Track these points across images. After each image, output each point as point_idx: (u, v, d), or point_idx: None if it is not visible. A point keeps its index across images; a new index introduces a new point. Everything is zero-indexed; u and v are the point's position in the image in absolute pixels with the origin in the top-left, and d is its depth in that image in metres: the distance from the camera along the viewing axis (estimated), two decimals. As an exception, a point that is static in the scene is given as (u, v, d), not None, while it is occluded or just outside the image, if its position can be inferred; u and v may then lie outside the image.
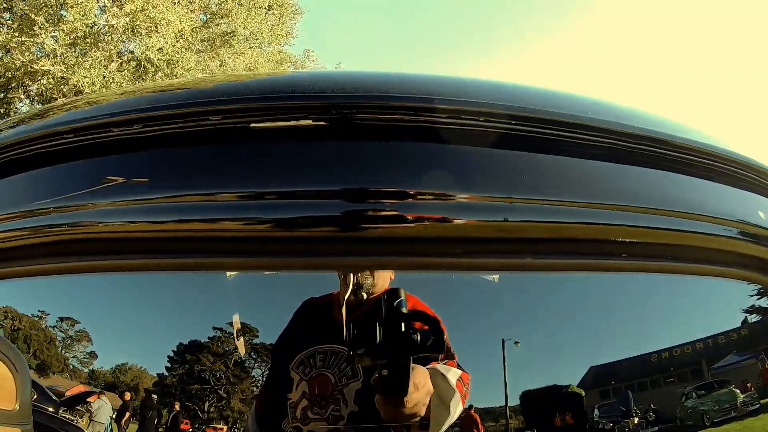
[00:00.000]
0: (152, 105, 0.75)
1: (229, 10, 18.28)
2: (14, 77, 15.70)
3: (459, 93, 0.76)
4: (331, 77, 0.87)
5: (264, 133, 0.68)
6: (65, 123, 0.75)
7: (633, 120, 0.79)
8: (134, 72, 16.04)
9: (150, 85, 1.02)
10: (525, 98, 0.82)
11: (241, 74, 1.04)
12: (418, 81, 0.83)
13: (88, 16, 14.47)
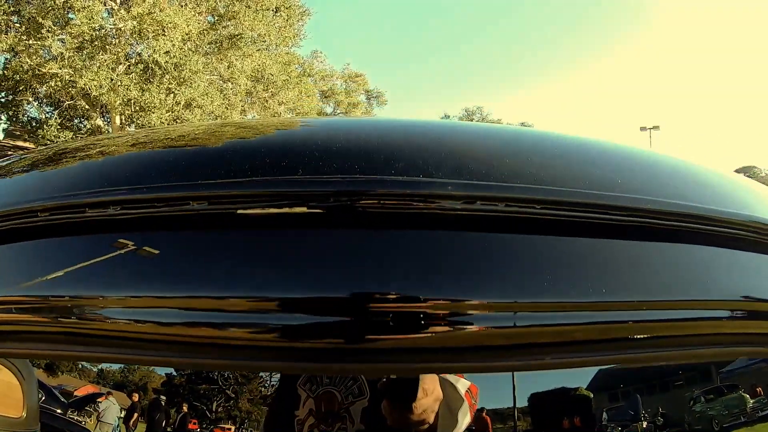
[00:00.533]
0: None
1: (236, 12, 18.31)
2: (22, 80, 15.76)
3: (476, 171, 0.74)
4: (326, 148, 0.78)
5: (260, 225, 0.66)
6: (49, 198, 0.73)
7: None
8: (142, 75, 16.08)
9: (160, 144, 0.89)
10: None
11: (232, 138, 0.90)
12: (425, 147, 0.81)
13: (95, 20, 14.52)
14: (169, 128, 0.98)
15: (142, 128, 10.37)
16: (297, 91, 23.41)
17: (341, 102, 50.36)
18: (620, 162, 1.00)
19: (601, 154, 1.04)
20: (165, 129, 0.99)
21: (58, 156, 1.01)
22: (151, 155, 0.85)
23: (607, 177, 0.85)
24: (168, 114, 16.55)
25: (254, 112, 23.25)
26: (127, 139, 0.98)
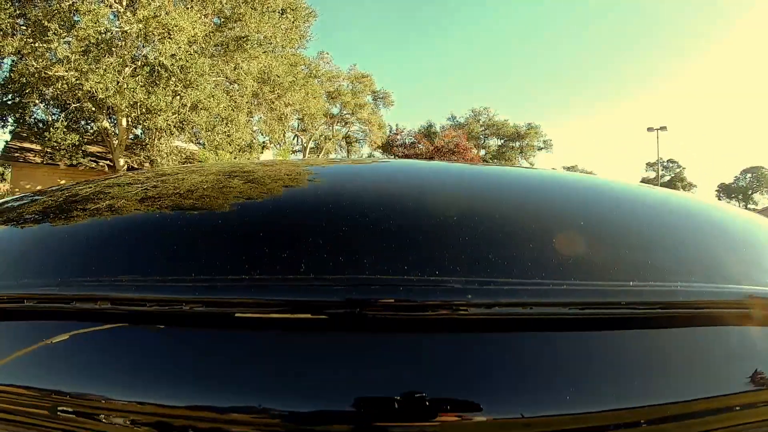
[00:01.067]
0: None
1: (242, 14, 18.29)
2: (29, 83, 15.77)
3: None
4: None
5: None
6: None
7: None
8: (148, 77, 16.07)
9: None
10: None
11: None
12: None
13: (101, 23, 14.51)
14: (151, 201, 0.84)
15: (132, 181, 9.91)
16: (303, 93, 23.38)
17: (348, 103, 50.41)
18: (660, 236, 0.88)
19: (641, 221, 0.93)
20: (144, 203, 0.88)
21: (35, 227, 0.93)
22: (136, 238, 0.76)
23: (657, 263, 0.73)
24: (174, 116, 16.54)
25: (261, 114, 23.23)
26: (111, 207, 0.89)
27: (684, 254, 0.80)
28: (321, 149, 54.78)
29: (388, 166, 1.15)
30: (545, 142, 59.82)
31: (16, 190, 20.50)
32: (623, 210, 0.98)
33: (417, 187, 0.95)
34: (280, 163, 1.21)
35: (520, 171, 1.37)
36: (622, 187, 1.16)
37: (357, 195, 0.84)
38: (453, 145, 34.90)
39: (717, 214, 1.10)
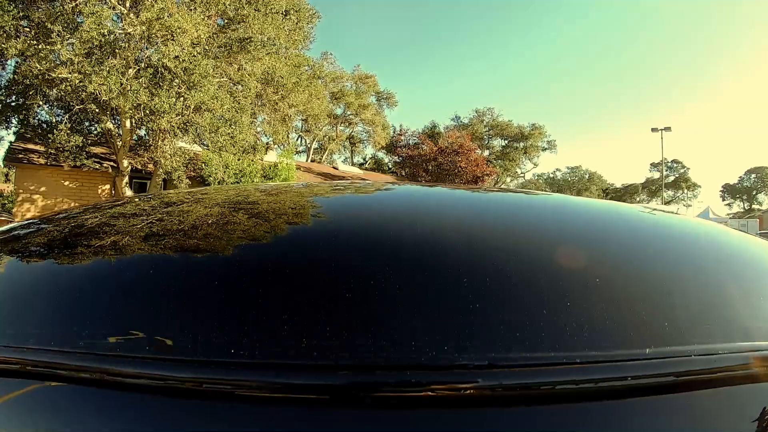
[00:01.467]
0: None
1: (245, 15, 18.27)
2: (32, 84, 15.76)
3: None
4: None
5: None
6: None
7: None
8: (151, 79, 16.05)
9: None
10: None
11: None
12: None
13: (104, 26, 14.50)
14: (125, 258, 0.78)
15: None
16: (307, 94, 23.36)
17: (351, 104, 50.44)
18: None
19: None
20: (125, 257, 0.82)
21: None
22: (122, 307, 0.70)
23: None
24: (177, 118, 16.53)
25: (264, 115, 23.22)
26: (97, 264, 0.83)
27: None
28: (325, 150, 54.81)
29: (398, 212, 1.05)
30: (549, 143, 59.70)
31: (20, 191, 20.53)
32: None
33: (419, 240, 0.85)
34: (273, 201, 1.15)
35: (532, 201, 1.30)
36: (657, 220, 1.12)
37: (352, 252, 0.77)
38: (457, 146, 34.72)
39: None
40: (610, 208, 1.26)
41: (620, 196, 75.59)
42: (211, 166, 20.49)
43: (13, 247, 0.95)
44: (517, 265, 0.75)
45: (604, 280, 0.74)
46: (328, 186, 1.32)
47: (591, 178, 66.58)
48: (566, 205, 1.31)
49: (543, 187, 68.34)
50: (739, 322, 0.71)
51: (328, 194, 1.20)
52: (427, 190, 1.35)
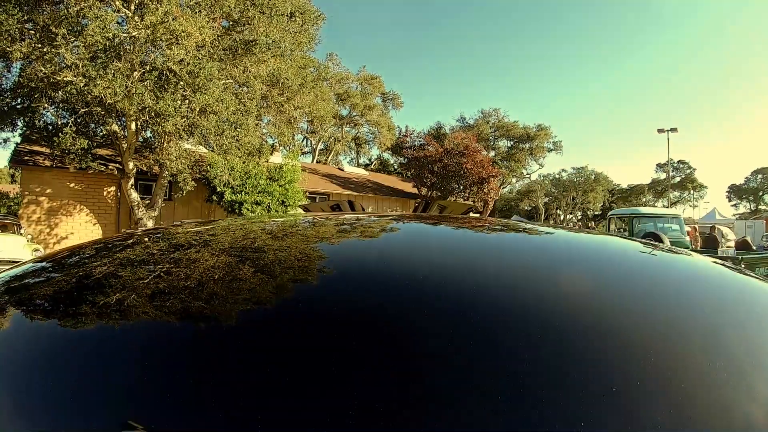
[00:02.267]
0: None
1: (250, 17, 18.23)
2: (37, 87, 15.77)
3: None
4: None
5: None
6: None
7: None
8: (156, 82, 16.03)
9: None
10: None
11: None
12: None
13: (108, 30, 14.48)
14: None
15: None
16: (313, 96, 23.31)
17: (357, 105, 50.45)
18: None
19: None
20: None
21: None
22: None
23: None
24: (183, 120, 16.51)
25: (269, 116, 23.19)
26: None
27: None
28: (330, 151, 54.84)
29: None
30: (555, 144, 59.55)
31: (26, 193, 20.57)
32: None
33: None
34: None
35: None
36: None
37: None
38: (463, 147, 34.66)
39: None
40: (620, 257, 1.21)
41: (626, 196, 75.34)
42: (217, 168, 20.47)
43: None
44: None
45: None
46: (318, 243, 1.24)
47: (597, 178, 66.23)
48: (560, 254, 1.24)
49: (548, 188, 68.16)
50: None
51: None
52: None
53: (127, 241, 1.21)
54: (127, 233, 1.32)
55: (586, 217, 70.92)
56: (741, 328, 0.82)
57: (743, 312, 0.90)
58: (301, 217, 1.62)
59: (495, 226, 1.51)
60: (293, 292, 0.83)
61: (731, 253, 9.92)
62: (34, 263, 1.09)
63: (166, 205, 22.91)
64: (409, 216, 1.61)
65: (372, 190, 36.33)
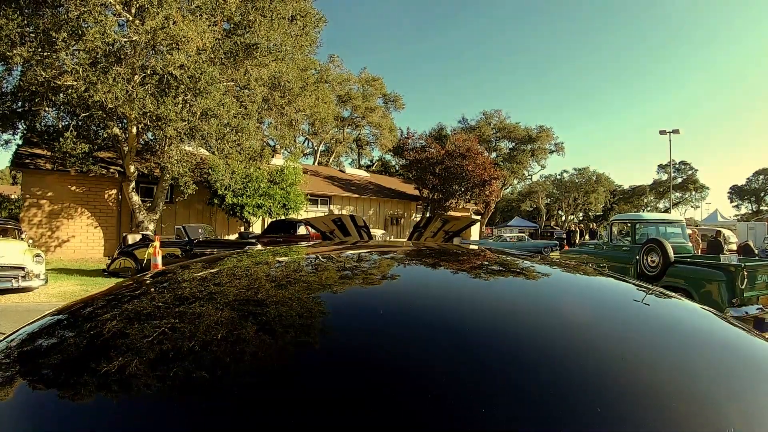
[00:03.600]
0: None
1: (252, 21, 18.22)
2: (38, 92, 15.76)
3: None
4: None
5: None
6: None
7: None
8: (157, 86, 16.02)
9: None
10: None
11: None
12: None
13: (108, 35, 14.46)
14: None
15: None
16: (314, 98, 23.31)
17: (358, 106, 50.47)
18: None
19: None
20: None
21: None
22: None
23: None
24: (183, 124, 16.49)
25: (271, 119, 23.18)
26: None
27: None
28: (332, 152, 54.86)
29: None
30: (557, 145, 59.51)
31: (27, 196, 20.56)
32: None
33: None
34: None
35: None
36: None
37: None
38: (464, 150, 34.63)
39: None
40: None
41: (628, 197, 75.34)
42: (218, 172, 20.46)
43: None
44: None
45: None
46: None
47: (598, 179, 66.24)
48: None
49: (550, 189, 68.15)
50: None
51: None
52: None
53: (132, 293, 1.21)
54: (129, 283, 1.30)
55: (588, 218, 70.90)
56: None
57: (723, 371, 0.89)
58: (304, 257, 1.63)
59: (485, 268, 1.51)
60: (292, 356, 0.82)
61: (734, 260, 9.88)
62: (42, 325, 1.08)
63: (168, 207, 22.92)
64: (409, 253, 1.61)
65: (373, 192, 36.34)
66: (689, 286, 9.39)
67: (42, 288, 12.38)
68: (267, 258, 1.59)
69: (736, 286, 8.82)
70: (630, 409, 0.67)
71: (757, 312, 9.02)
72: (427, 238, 3.12)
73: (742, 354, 0.97)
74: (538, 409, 0.65)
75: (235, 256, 1.64)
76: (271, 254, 1.70)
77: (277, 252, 1.78)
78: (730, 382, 0.82)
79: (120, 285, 1.29)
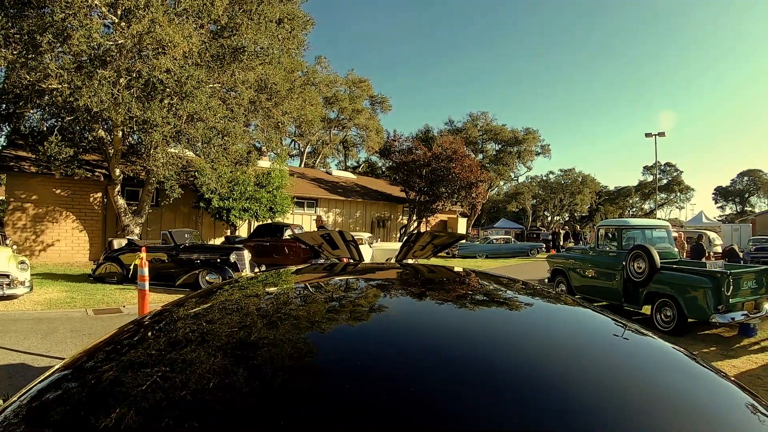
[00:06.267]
0: None
1: (239, 23, 18.14)
2: (22, 95, 15.60)
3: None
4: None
5: None
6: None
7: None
8: (143, 90, 15.92)
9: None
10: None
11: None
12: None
13: (94, 39, 14.35)
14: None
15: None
16: (301, 100, 23.24)
17: (345, 108, 50.43)
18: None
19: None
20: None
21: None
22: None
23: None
24: (170, 127, 16.40)
25: (257, 122, 23.09)
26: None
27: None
28: (318, 154, 54.77)
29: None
30: (543, 147, 59.81)
31: (11, 200, 20.36)
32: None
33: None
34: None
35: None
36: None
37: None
38: (451, 152, 34.67)
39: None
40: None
41: (613, 198, 75.71)
42: (204, 175, 20.36)
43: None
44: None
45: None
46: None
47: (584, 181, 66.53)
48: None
49: (536, 190, 68.39)
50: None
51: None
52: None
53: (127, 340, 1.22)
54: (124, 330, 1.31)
55: (573, 219, 71.20)
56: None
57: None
58: (292, 289, 1.65)
59: (470, 298, 1.55)
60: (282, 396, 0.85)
61: (720, 266, 9.96)
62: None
63: (153, 211, 22.77)
64: (400, 281, 1.66)
65: (360, 195, 36.32)
66: (675, 293, 9.48)
67: (27, 295, 12.20)
68: (268, 291, 1.62)
69: (722, 292, 8.92)
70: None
71: (743, 318, 9.14)
72: (416, 252, 3.13)
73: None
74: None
75: (227, 290, 1.65)
76: (261, 288, 1.72)
77: (283, 285, 1.79)
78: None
79: (121, 331, 1.30)
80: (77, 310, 10.95)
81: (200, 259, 14.49)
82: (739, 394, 1.00)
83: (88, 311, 10.88)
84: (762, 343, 9.12)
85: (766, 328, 10.01)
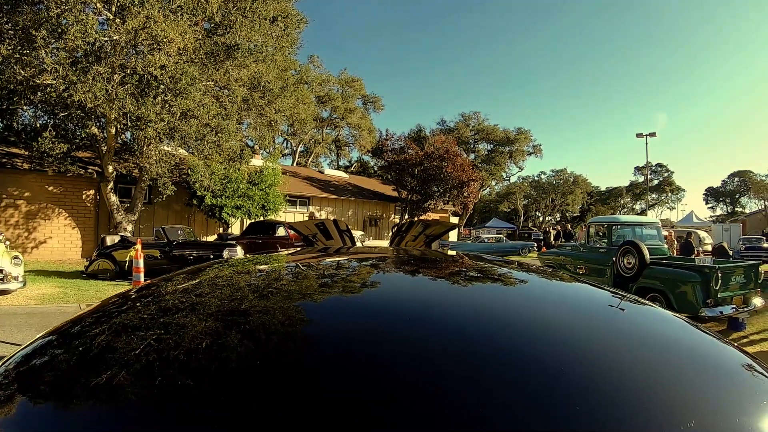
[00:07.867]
0: None
1: (233, 21, 18.13)
2: (16, 90, 15.55)
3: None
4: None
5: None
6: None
7: None
8: (137, 86, 15.90)
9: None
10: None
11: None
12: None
13: (89, 34, 14.32)
14: None
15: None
16: (294, 99, 23.24)
17: (338, 107, 50.35)
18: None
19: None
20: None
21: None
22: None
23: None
24: (163, 125, 16.38)
25: (250, 120, 23.08)
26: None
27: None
28: (311, 153, 54.66)
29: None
30: (535, 147, 59.99)
31: (3, 196, 20.28)
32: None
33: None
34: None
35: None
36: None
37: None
38: (443, 151, 34.73)
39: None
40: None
41: (605, 198, 75.99)
42: (197, 173, 20.35)
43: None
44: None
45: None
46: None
47: (576, 181, 66.73)
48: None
49: (528, 190, 68.50)
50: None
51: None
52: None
53: (119, 308, 1.21)
54: (116, 299, 1.31)
55: (565, 219, 71.34)
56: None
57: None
58: (284, 266, 1.65)
59: (462, 275, 1.54)
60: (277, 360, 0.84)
61: (708, 262, 10.09)
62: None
63: (146, 208, 22.73)
64: (391, 260, 1.66)
65: (352, 194, 36.25)
66: (665, 287, 9.56)
67: (20, 290, 12.18)
68: (248, 267, 1.63)
69: (711, 287, 9.02)
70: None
71: (732, 312, 9.24)
72: (408, 242, 3.11)
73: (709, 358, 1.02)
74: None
75: (217, 266, 1.62)
76: (253, 265, 1.72)
77: (274, 262, 1.78)
78: (695, 384, 0.84)
79: (110, 299, 1.29)
80: (70, 305, 10.95)
81: (193, 255, 14.51)
82: (740, 356, 1.00)
83: (81, 306, 10.88)
84: (751, 336, 9.24)
85: (754, 323, 10.13)
